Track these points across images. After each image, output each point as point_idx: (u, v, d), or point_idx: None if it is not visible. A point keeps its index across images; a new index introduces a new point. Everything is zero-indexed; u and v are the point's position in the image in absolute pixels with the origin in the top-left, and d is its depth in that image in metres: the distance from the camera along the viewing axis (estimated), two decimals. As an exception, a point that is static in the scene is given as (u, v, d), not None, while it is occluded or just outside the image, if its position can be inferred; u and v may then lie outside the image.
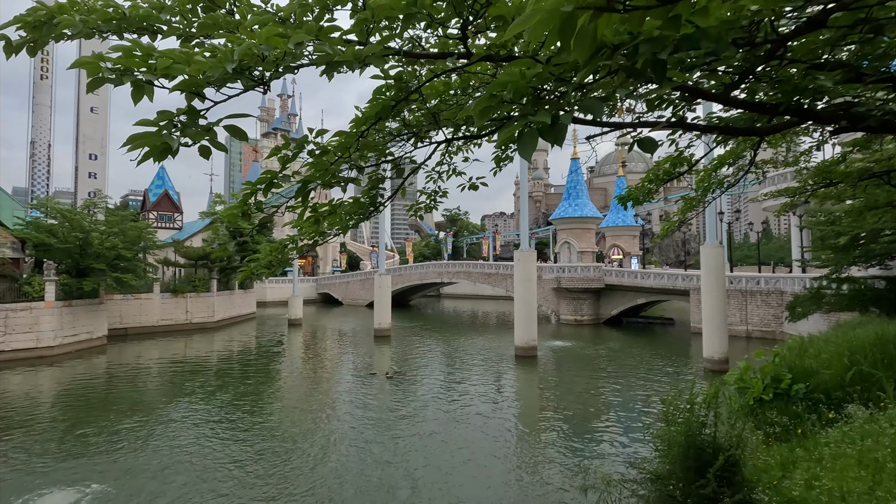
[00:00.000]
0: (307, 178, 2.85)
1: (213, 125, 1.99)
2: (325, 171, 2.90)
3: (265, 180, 2.82)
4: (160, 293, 41.49)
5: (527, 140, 1.63)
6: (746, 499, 6.62)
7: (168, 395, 21.54)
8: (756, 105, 2.85)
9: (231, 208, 3.02)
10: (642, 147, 2.03)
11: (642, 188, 6.50)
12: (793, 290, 32.08)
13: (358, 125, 2.90)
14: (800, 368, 11.19)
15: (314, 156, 2.89)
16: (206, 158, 2.07)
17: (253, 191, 2.90)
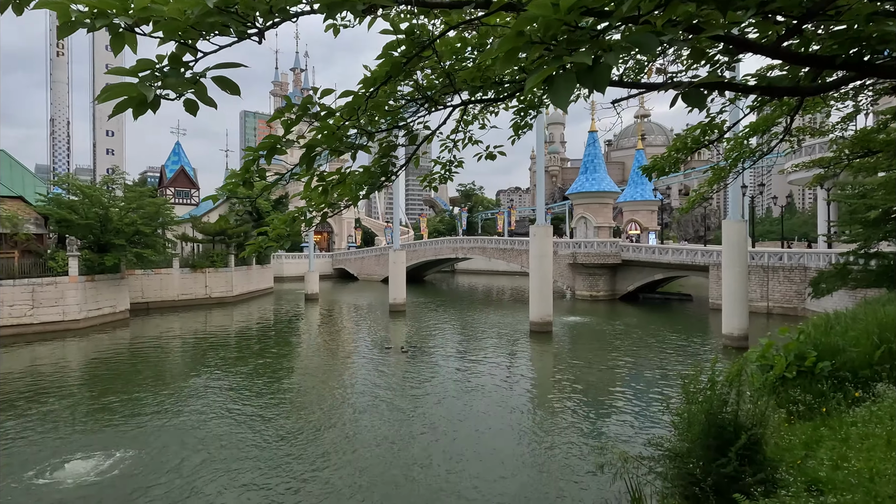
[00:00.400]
0: (311, 142, 2.64)
1: (198, 76, 1.79)
2: (331, 135, 2.70)
3: (267, 145, 2.62)
4: (179, 268, 42.23)
5: (562, 84, 1.38)
6: (769, 478, 6.47)
7: (190, 367, 22.07)
8: (810, 58, 2.54)
9: (231, 176, 2.85)
10: (689, 101, 1.78)
11: (669, 158, 6.14)
12: (817, 266, 31.25)
13: (367, 85, 2.68)
14: (825, 346, 10.87)
15: (319, 118, 2.69)
16: (193, 114, 1.88)
17: (255, 157, 2.72)
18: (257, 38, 1.88)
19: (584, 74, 1.41)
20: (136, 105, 1.61)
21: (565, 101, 1.39)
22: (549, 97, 1.42)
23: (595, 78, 1.37)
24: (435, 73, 3.18)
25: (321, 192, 3.16)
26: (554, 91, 1.40)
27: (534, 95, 4.32)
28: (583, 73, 1.41)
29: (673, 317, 35.80)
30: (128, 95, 1.59)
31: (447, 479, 10.56)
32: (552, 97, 1.42)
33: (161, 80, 1.64)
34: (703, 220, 67.28)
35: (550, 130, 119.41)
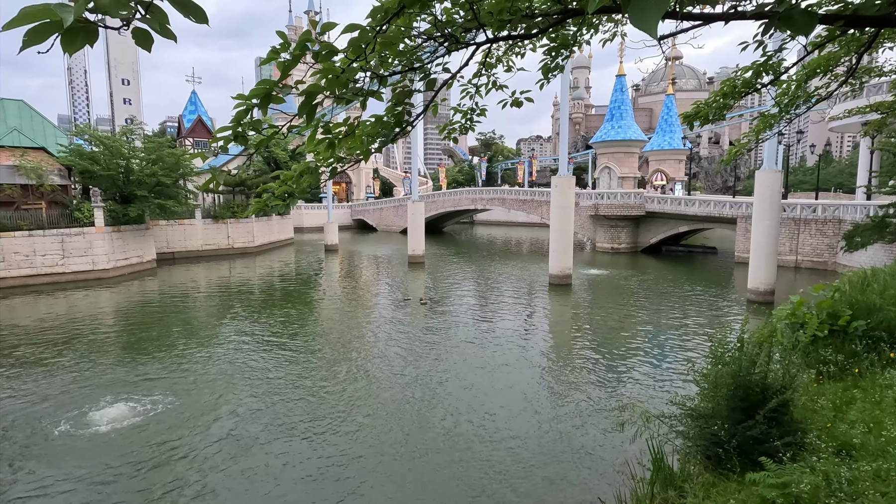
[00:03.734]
0: (311, 88, 2.27)
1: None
2: (334, 79, 2.33)
3: (260, 92, 2.26)
4: (202, 219, 42.78)
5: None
6: (797, 441, 6.29)
7: (217, 316, 22.70)
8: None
9: (221, 129, 2.53)
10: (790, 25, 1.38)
11: (714, 104, 5.54)
12: (853, 219, 29.88)
13: (376, 17, 2.28)
14: (861, 304, 10.41)
15: (321, 58, 2.31)
16: (147, 49, 1.52)
17: (248, 107, 2.37)
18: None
19: None
20: (65, 35, 1.27)
21: (655, 21, 1.00)
22: (631, 16, 1.04)
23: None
24: (456, 5, 2.75)
25: (327, 146, 2.84)
26: (638, 7, 1.01)
27: (567, 32, 3.82)
28: None
29: (696, 270, 35.12)
30: (49, 20, 1.24)
31: (465, 433, 10.73)
32: (635, 16, 1.03)
33: (95, 1, 1.28)
34: (733, 169, 64.56)
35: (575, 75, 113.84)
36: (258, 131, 2.52)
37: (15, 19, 1.22)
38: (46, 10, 1.22)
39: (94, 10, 1.30)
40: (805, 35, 1.63)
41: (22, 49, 1.30)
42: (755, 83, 4.92)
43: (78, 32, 1.32)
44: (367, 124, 2.94)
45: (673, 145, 54.32)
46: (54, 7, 1.22)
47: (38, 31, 1.26)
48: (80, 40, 1.34)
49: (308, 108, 2.31)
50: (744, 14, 2.76)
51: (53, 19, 1.24)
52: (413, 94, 2.98)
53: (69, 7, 1.22)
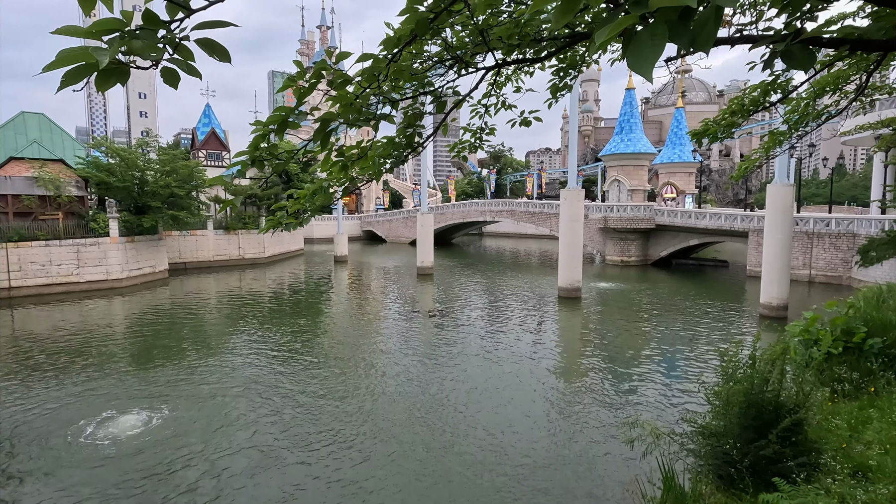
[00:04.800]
0: (326, 115, 2.35)
1: (178, 38, 1.49)
2: (348, 106, 2.41)
3: (277, 119, 2.35)
4: (214, 230, 43.32)
5: (646, 43, 0.98)
6: (812, 462, 6.18)
7: (228, 326, 22.87)
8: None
9: (239, 154, 2.61)
10: (789, 60, 1.42)
11: (723, 121, 5.55)
12: (868, 233, 29.46)
13: (388, 47, 2.36)
14: (876, 321, 10.23)
15: (335, 86, 2.39)
16: (174, 86, 1.61)
17: (264, 133, 2.46)
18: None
19: (679, 27, 1.03)
20: (100, 75, 1.35)
21: (650, 65, 1.03)
22: (629, 61, 1.08)
23: (696, 31, 1.00)
24: (466, 29, 2.82)
25: (340, 168, 2.91)
26: (635, 52, 1.04)
27: (575, 53, 3.89)
28: (677, 25, 1.03)
29: (707, 284, 34.76)
30: (85, 62, 1.32)
31: (472, 445, 10.66)
32: (633, 62, 1.06)
33: (126, 43, 1.36)
34: (745, 182, 64.08)
35: (584, 88, 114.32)
36: (274, 156, 2.60)
37: (55, 62, 1.30)
38: (84, 53, 1.30)
39: (126, 52, 1.38)
40: (805, 70, 1.67)
41: (59, 89, 1.38)
42: (763, 102, 4.94)
43: (112, 73, 1.39)
44: (379, 146, 3.01)
45: (683, 158, 54.11)
46: (91, 50, 1.30)
47: (76, 73, 1.34)
48: (113, 80, 1.41)
49: (323, 134, 2.39)
50: (750, 38, 2.81)
51: (90, 61, 1.31)
52: (423, 116, 3.05)
53: (105, 50, 1.30)
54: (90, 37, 1.35)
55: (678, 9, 0.99)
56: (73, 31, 1.31)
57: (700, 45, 1.03)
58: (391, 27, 2.38)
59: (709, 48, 1.04)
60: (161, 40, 1.42)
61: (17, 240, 29.11)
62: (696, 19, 1.02)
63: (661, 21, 1.01)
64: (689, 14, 1.02)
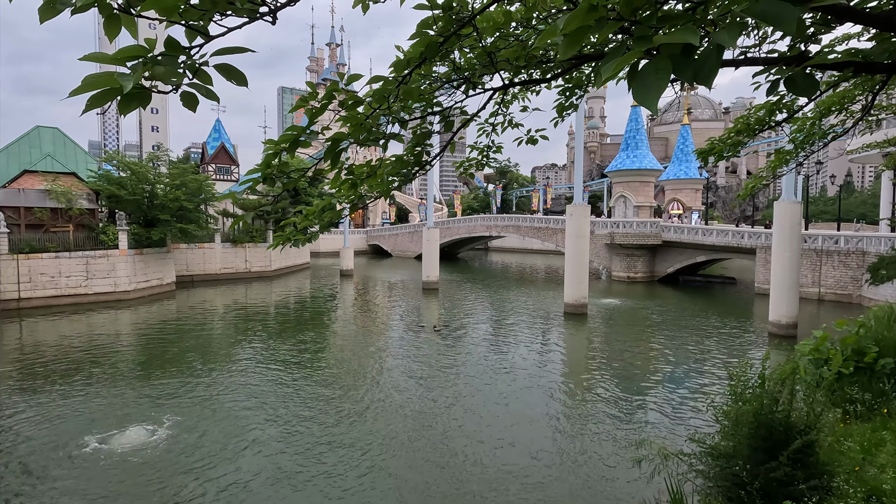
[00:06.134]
0: (337, 135, 2.41)
1: (198, 64, 1.56)
2: (358, 126, 2.47)
3: (289, 138, 2.41)
4: (221, 243, 43.66)
5: (651, 76, 1.02)
6: (824, 485, 6.05)
7: (234, 339, 22.90)
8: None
9: (251, 171, 2.67)
10: (793, 87, 1.45)
11: (728, 140, 5.59)
12: (877, 251, 29.20)
13: (399, 69, 2.42)
14: (888, 341, 10.09)
15: (346, 107, 2.45)
16: (193, 110, 1.67)
17: (276, 151, 2.52)
18: (270, 19, 1.65)
19: (682, 62, 1.05)
20: (123, 99, 1.41)
21: (655, 98, 1.06)
22: (634, 94, 1.11)
23: (699, 66, 1.03)
24: (474, 52, 2.89)
25: (350, 186, 2.96)
26: (640, 85, 1.07)
27: (581, 74, 3.95)
28: (681, 59, 1.06)
29: (715, 301, 34.46)
30: (110, 87, 1.38)
31: (476, 464, 10.54)
32: (638, 94, 1.10)
33: (149, 69, 1.42)
34: (752, 198, 63.84)
35: (590, 104, 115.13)
36: (285, 173, 2.65)
37: (81, 87, 1.36)
38: (109, 78, 1.36)
39: (149, 77, 1.44)
40: (807, 97, 1.69)
41: (84, 112, 1.45)
42: (769, 121, 4.97)
43: (134, 97, 1.45)
44: (388, 164, 3.07)
45: (689, 174, 54.15)
46: (116, 76, 1.36)
47: (100, 97, 1.39)
48: (136, 103, 1.47)
49: (333, 153, 2.44)
50: (754, 61, 2.84)
51: (114, 86, 1.37)
52: (432, 135, 3.10)
53: (129, 76, 1.35)
54: (115, 63, 1.41)
55: (681, 44, 1.02)
56: (100, 58, 1.37)
57: (702, 79, 1.06)
58: (401, 50, 2.45)
59: (711, 83, 1.06)
60: (181, 66, 1.48)
61: (28, 251, 29.47)
62: (698, 55, 1.05)
63: (666, 56, 1.04)
64: (692, 49, 1.05)
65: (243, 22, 1.65)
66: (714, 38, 1.04)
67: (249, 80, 1.70)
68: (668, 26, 1.06)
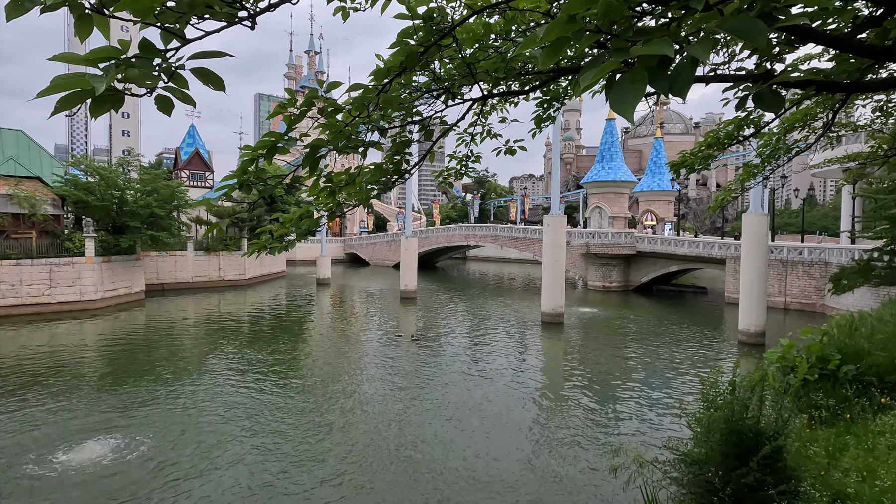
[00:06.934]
0: (315, 142, 2.39)
1: (174, 67, 1.52)
2: (337, 133, 2.45)
3: (267, 144, 2.37)
4: (194, 251, 42.63)
5: (628, 86, 1.06)
6: (792, 490, 6.21)
7: (205, 350, 22.28)
8: (886, 51, 2.22)
9: (227, 178, 2.62)
10: (761, 103, 1.51)
11: (699, 154, 5.79)
12: (839, 262, 30.40)
13: (378, 78, 2.42)
14: (849, 348, 10.46)
15: (325, 114, 2.43)
16: (168, 114, 1.62)
17: (253, 157, 2.48)
18: (249, 24, 1.62)
19: (658, 74, 1.09)
20: (94, 101, 1.36)
21: (631, 108, 1.09)
22: (611, 103, 1.14)
23: (674, 78, 1.07)
24: (454, 62, 2.91)
25: (329, 194, 2.93)
26: (617, 95, 1.10)
27: (559, 86, 4.02)
28: (656, 71, 1.09)
29: (687, 310, 35.26)
30: (80, 88, 1.32)
31: (452, 474, 10.46)
32: (614, 103, 1.13)
33: (123, 70, 1.38)
34: (721, 211, 65.87)
35: (566, 117, 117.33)
36: (262, 180, 2.61)
37: (50, 88, 1.30)
38: (80, 79, 1.31)
39: (122, 79, 1.40)
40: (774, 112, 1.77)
41: (53, 114, 1.39)
42: (737, 136, 5.17)
43: (106, 99, 1.40)
44: (367, 172, 3.05)
45: (662, 186, 55.55)
46: (88, 77, 1.31)
47: (70, 99, 1.34)
48: (107, 106, 1.42)
49: (312, 160, 2.42)
50: (723, 78, 2.95)
51: (84, 88, 1.32)
52: (411, 143, 3.11)
53: (101, 77, 1.31)
54: (86, 64, 1.36)
55: (657, 56, 1.06)
56: (70, 59, 1.32)
57: (677, 90, 1.10)
58: (381, 58, 2.45)
59: (685, 94, 1.10)
60: (157, 69, 1.44)
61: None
62: (673, 68, 1.09)
63: (642, 67, 1.08)
64: (668, 62, 1.09)
65: (221, 26, 1.62)
66: (689, 52, 1.08)
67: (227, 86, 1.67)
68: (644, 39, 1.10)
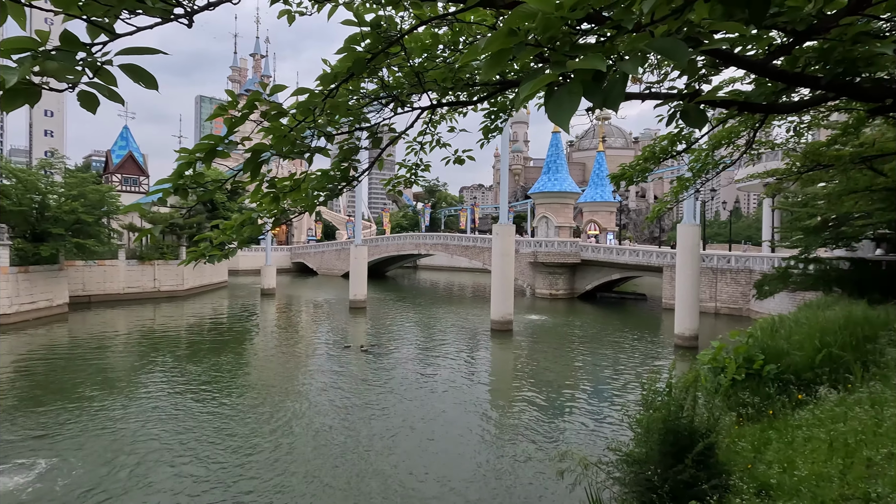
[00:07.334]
0: (258, 146, 2.30)
1: (97, 62, 1.39)
2: (281, 138, 2.39)
3: (205, 147, 2.26)
4: (126, 260, 39.93)
5: (565, 98, 1.12)
6: (722, 483, 6.60)
7: (135, 366, 20.81)
8: (795, 76, 2.47)
9: (161, 181, 2.48)
10: (687, 120, 1.62)
11: (637, 167, 6.15)
12: (761, 269, 32.89)
13: (325, 82, 2.39)
14: (771, 349, 11.30)
15: (269, 118, 2.36)
16: (92, 111, 1.50)
17: (190, 161, 2.35)
18: (185, 21, 1.55)
19: (592, 87, 1.16)
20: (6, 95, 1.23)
21: (567, 118, 1.15)
22: (549, 113, 1.19)
23: (607, 91, 1.14)
24: (403, 71, 2.92)
25: (272, 200, 2.84)
26: (555, 106, 1.15)
27: (506, 98, 4.13)
28: (591, 85, 1.17)
29: (628, 316, 36.88)
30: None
31: (401, 484, 10.33)
32: (552, 114, 1.18)
33: (40, 64, 1.26)
34: (658, 221, 69.75)
35: (514, 129, 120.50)
36: (200, 184, 2.49)
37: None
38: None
39: (39, 73, 1.29)
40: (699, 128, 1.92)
41: (-34, 109, 1.25)
42: (671, 150, 5.53)
43: (19, 93, 1.28)
44: (313, 179, 2.99)
45: (604, 198, 58.08)
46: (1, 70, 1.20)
47: (-22, 91, 1.22)
48: (21, 100, 1.30)
49: (254, 164, 2.33)
50: (657, 95, 3.14)
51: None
52: (359, 150, 3.08)
53: (14, 70, 1.20)
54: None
55: (592, 70, 1.13)
56: (-19, 49, 1.20)
57: (610, 104, 1.17)
58: (329, 64, 2.42)
59: (617, 106, 1.18)
60: (80, 63, 1.34)
61: None
62: (607, 82, 1.16)
63: (578, 80, 1.14)
64: (602, 76, 1.16)
65: (155, 22, 1.54)
66: (620, 67, 1.16)
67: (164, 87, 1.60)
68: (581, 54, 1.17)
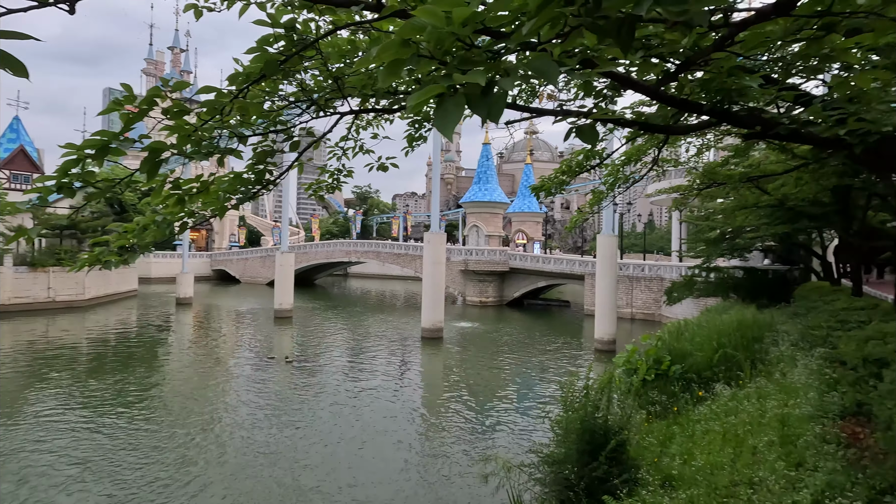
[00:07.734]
0: (155, 145, 2.15)
1: None
2: (185, 137, 2.26)
3: (96, 143, 2.07)
4: (13, 266, 35.56)
5: (450, 108, 1.21)
6: (632, 478, 7.05)
7: (22, 386, 18.49)
8: (683, 102, 2.76)
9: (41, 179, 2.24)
10: (583, 136, 1.76)
11: (555, 179, 6.51)
12: (671, 277, 35.71)
13: (235, 82, 2.30)
14: (677, 351, 12.29)
15: (172, 115, 2.22)
16: None
17: (79, 157, 2.15)
18: (66, 7, 1.43)
19: (476, 99, 1.24)
20: None
21: (451, 126, 1.23)
22: (435, 121, 1.26)
23: (490, 104, 1.22)
24: (322, 74, 2.89)
25: (176, 202, 2.67)
26: (441, 114, 1.22)
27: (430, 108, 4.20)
28: (475, 97, 1.25)
29: (553, 322, 38.49)
30: None
31: (327, 496, 10.02)
32: (437, 122, 1.25)
33: None
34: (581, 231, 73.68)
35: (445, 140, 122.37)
36: (90, 184, 2.28)
37: None
38: None
39: None
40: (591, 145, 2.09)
41: None
42: (586, 165, 5.93)
43: None
44: (224, 181, 2.85)
45: (532, 208, 60.44)
46: None
47: None
48: None
49: (151, 164, 2.17)
50: (569, 112, 3.35)
51: None
52: (274, 153, 2.99)
53: None
54: None
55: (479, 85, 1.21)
56: None
57: (492, 116, 1.26)
58: (240, 63, 2.33)
59: (498, 119, 1.27)
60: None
61: None
62: (491, 94, 1.25)
63: (462, 93, 1.22)
64: (488, 90, 1.24)
65: (30, 6, 1.41)
66: (499, 84, 1.25)
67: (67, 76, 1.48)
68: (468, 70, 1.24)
